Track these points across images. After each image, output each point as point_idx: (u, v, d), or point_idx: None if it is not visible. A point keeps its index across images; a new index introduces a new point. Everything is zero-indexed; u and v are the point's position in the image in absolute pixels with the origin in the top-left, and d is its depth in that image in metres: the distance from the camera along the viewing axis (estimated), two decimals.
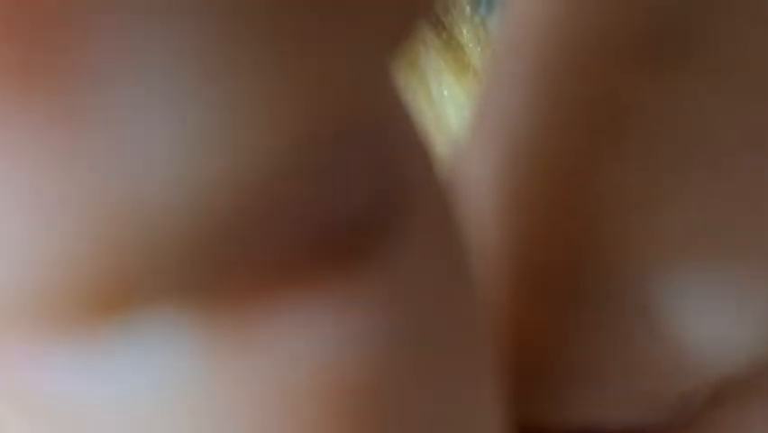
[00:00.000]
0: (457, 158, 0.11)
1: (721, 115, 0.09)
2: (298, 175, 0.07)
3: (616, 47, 0.10)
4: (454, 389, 0.08)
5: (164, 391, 0.07)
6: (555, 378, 0.10)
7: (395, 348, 0.08)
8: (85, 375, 0.07)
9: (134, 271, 0.07)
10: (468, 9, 0.32)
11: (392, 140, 0.08)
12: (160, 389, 0.07)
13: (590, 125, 0.10)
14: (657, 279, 0.10)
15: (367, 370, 0.08)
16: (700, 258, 0.10)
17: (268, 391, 0.07)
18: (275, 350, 0.07)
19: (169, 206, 0.07)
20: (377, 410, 0.08)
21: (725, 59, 0.09)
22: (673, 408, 0.11)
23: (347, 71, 0.07)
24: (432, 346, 0.08)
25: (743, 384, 0.11)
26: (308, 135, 0.07)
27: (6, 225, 0.06)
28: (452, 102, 0.32)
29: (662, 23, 0.10)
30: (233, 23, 0.06)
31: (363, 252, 0.08)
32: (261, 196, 0.07)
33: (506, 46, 0.10)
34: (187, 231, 0.07)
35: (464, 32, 0.32)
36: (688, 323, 0.10)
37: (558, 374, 0.10)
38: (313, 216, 0.07)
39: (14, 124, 0.06)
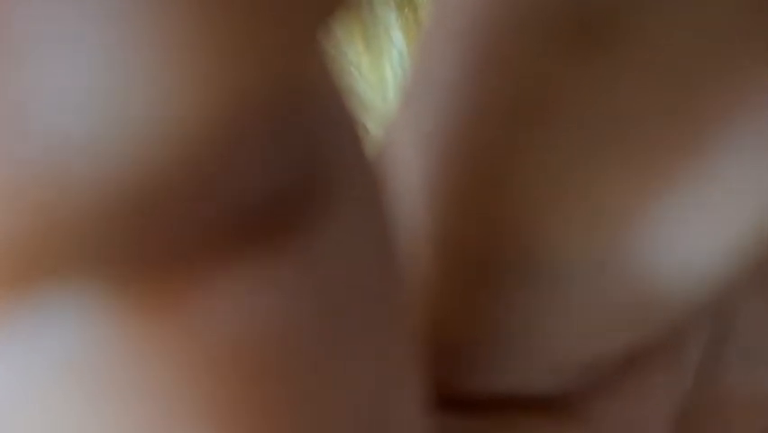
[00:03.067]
0: (387, 135, 0.11)
1: (644, 99, 0.10)
2: (222, 148, 0.07)
3: (544, 30, 0.10)
4: (373, 357, 0.08)
5: (77, 368, 0.07)
6: (473, 349, 0.11)
7: (315, 318, 0.08)
8: None
9: (45, 240, 0.07)
10: None
11: (319, 115, 0.08)
12: (72, 365, 0.07)
13: (514, 107, 0.10)
14: (570, 255, 0.10)
15: (286, 339, 0.08)
16: (613, 236, 0.10)
17: (183, 361, 0.07)
18: (191, 321, 0.07)
19: (87, 169, 0.06)
20: (295, 373, 0.08)
21: (650, 46, 0.10)
22: (584, 374, 0.11)
23: (275, 39, 0.06)
24: (352, 318, 0.08)
25: (648, 350, 0.11)
26: (232, 106, 0.07)
27: None
28: (400, 63, 0.32)
29: (592, 9, 0.10)
30: None
31: (287, 225, 0.08)
32: (184, 168, 0.07)
33: (435, 25, 0.10)
34: (105, 199, 0.07)
35: None
36: (602, 293, 0.10)
37: (475, 345, 0.11)
38: (236, 190, 0.07)
39: None
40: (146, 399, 0.07)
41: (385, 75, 0.32)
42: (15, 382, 0.07)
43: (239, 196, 0.07)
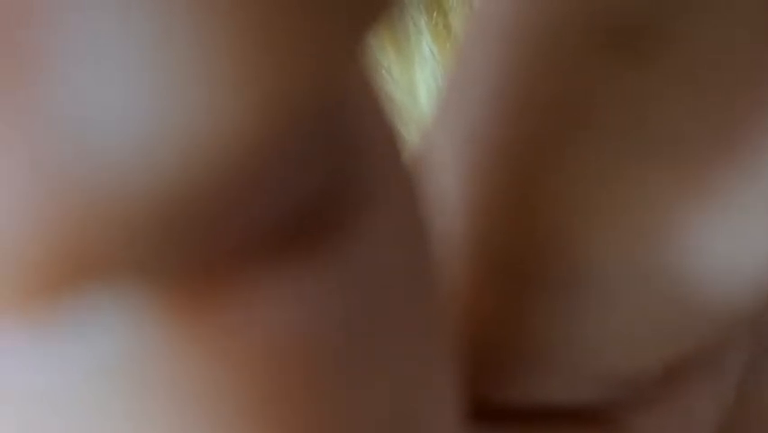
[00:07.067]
0: (424, 141, 0.11)
1: (682, 108, 0.10)
2: (263, 154, 0.07)
3: (581, 40, 0.10)
4: (407, 362, 0.08)
5: (122, 369, 0.07)
6: (510, 359, 0.11)
7: (351, 321, 0.08)
8: (32, 360, 0.07)
9: (90, 244, 0.07)
10: None
11: (357, 120, 0.08)
12: (117, 367, 0.07)
13: (552, 116, 0.10)
14: (611, 265, 0.10)
15: (324, 341, 0.08)
16: (655, 245, 0.10)
17: (225, 363, 0.07)
18: (233, 323, 0.07)
19: (131, 176, 0.06)
20: (331, 374, 0.08)
21: (686, 56, 0.10)
22: (625, 387, 0.11)
23: (319, 45, 0.06)
24: (386, 322, 0.08)
25: (690, 362, 0.11)
26: (274, 113, 0.07)
27: None
28: (431, 67, 0.32)
29: (636, 19, 0.10)
30: None
31: (325, 229, 0.08)
32: (226, 174, 0.07)
33: (473, 34, 0.10)
34: (149, 205, 0.07)
35: None
36: (644, 303, 0.10)
37: (513, 356, 0.11)
38: (276, 195, 0.08)
39: None
40: (189, 399, 0.07)
41: (415, 79, 0.32)
42: (61, 383, 0.07)
43: (279, 200, 0.07)
